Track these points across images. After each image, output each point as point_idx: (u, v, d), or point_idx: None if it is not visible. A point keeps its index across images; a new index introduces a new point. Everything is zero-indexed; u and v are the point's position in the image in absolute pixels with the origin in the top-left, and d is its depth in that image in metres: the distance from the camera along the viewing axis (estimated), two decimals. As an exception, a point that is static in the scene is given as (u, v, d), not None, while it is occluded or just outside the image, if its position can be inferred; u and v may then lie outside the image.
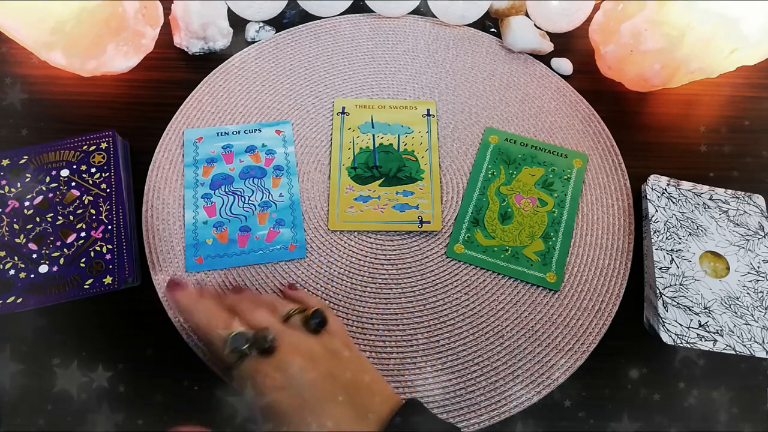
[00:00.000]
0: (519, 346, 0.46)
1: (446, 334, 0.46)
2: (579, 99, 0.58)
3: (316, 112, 0.57)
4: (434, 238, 0.51)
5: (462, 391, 0.44)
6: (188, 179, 0.52)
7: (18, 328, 0.45)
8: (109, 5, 0.51)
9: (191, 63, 0.59)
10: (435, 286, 0.48)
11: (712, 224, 0.49)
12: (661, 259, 0.47)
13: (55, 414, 0.42)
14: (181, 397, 0.43)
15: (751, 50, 0.52)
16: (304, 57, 0.60)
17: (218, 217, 0.50)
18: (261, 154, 0.54)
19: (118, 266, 0.45)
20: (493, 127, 0.56)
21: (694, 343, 0.43)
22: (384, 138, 0.55)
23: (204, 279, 0.48)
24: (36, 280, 0.44)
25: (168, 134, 0.54)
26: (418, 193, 0.52)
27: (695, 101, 0.59)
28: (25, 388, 0.43)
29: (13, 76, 0.57)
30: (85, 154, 0.50)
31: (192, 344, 0.45)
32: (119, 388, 0.43)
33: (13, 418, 0.42)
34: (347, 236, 0.51)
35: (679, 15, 0.51)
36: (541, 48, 0.60)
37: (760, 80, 0.60)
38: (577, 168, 0.54)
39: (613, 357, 0.46)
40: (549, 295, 0.48)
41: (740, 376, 0.45)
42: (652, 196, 0.50)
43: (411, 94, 0.58)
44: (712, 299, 0.45)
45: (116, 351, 0.45)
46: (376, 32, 0.62)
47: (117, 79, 0.57)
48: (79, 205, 0.47)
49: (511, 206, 0.52)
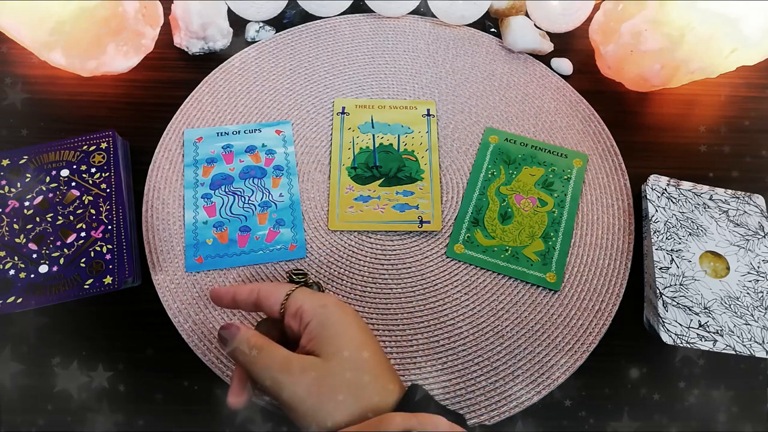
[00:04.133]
0: (519, 346, 0.46)
1: (446, 334, 0.46)
2: (579, 99, 0.58)
3: (316, 112, 0.57)
4: (434, 238, 0.51)
5: (462, 391, 0.44)
6: (188, 179, 0.52)
7: (18, 328, 0.45)
8: (108, 5, 0.51)
9: (191, 63, 0.59)
10: (435, 286, 0.48)
11: (712, 224, 0.49)
12: (661, 259, 0.47)
13: (55, 414, 0.42)
14: (181, 397, 0.43)
15: (751, 50, 0.52)
16: (304, 57, 0.60)
17: (218, 217, 0.50)
18: (261, 154, 0.54)
19: (118, 266, 0.45)
20: (493, 127, 0.56)
21: (694, 343, 0.43)
22: (384, 138, 0.55)
23: (204, 279, 0.48)
24: (36, 280, 0.44)
25: (168, 134, 0.54)
26: (418, 193, 0.52)
27: (695, 101, 0.59)
28: (25, 388, 0.43)
29: (13, 76, 0.57)
30: (85, 154, 0.50)
31: (192, 344, 0.45)
32: (119, 388, 0.43)
33: (13, 417, 0.42)
34: (347, 236, 0.51)
35: (679, 15, 0.51)
36: (541, 48, 0.60)
37: (760, 80, 0.60)
38: (577, 168, 0.54)
39: (613, 357, 0.46)
40: (549, 295, 0.48)
41: (740, 376, 0.45)
42: (652, 196, 0.50)
43: (411, 94, 0.58)
44: (712, 299, 0.45)
45: (116, 351, 0.45)
46: (376, 32, 0.62)
47: (117, 79, 0.57)
48: (79, 205, 0.47)
49: (511, 206, 0.52)
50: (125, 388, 0.43)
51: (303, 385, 0.31)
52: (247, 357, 0.33)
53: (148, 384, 0.44)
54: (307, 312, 0.35)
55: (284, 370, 0.32)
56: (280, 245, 0.49)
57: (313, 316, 0.34)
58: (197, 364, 0.44)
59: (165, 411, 0.43)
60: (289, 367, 0.32)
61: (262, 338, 0.34)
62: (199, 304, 0.47)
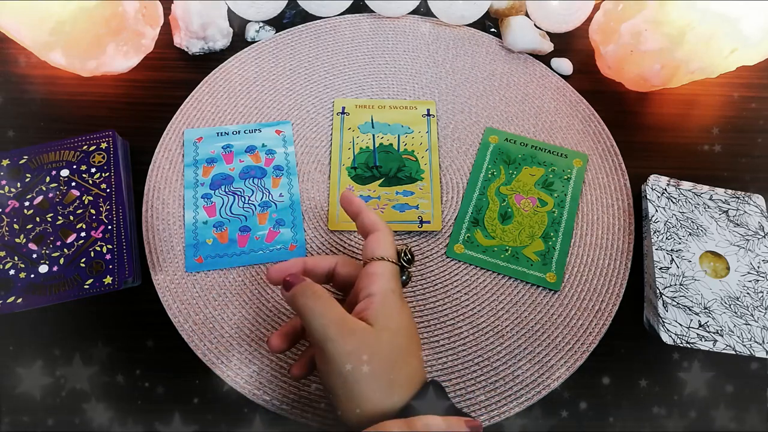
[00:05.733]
0: (519, 346, 0.46)
1: (446, 334, 0.46)
2: (579, 99, 0.58)
3: (316, 112, 0.57)
4: (434, 238, 0.51)
5: (462, 391, 0.44)
6: (188, 179, 0.52)
7: (18, 328, 0.45)
8: (108, 5, 0.51)
9: (191, 63, 0.59)
10: (435, 286, 0.48)
11: (712, 224, 0.49)
12: (661, 259, 0.47)
13: (54, 414, 0.42)
14: (180, 396, 0.43)
15: (751, 50, 0.52)
16: (304, 57, 0.60)
17: (218, 217, 0.50)
18: (261, 154, 0.54)
19: (118, 266, 0.45)
20: (493, 127, 0.56)
21: (694, 343, 0.43)
22: (384, 138, 0.55)
23: (204, 279, 0.48)
24: (36, 280, 0.44)
25: (168, 134, 0.55)
26: (418, 193, 0.52)
27: (695, 101, 0.59)
28: (24, 388, 0.43)
29: (13, 76, 0.57)
30: (85, 154, 0.50)
31: (192, 344, 0.45)
32: (119, 388, 0.43)
33: (14, 417, 0.42)
34: (347, 236, 0.51)
35: (679, 15, 0.51)
36: (541, 48, 0.60)
37: (760, 80, 0.60)
38: (577, 168, 0.54)
39: (613, 357, 0.46)
40: (549, 295, 0.48)
41: (740, 376, 0.45)
42: (652, 196, 0.50)
43: (411, 94, 0.58)
44: (712, 299, 0.45)
45: (116, 351, 0.45)
46: (376, 32, 0.62)
47: (117, 79, 0.57)
48: (79, 205, 0.47)
49: (511, 206, 0.52)
50: (125, 388, 0.43)
51: (349, 345, 0.33)
52: (307, 301, 0.34)
53: (148, 384, 0.44)
54: (378, 284, 0.36)
55: (337, 324, 0.33)
56: (280, 245, 0.49)
57: (379, 291, 0.36)
58: (197, 364, 0.44)
59: (165, 411, 0.43)
60: (343, 324, 0.34)
61: (325, 291, 0.36)
62: (199, 304, 0.47)
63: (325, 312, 0.34)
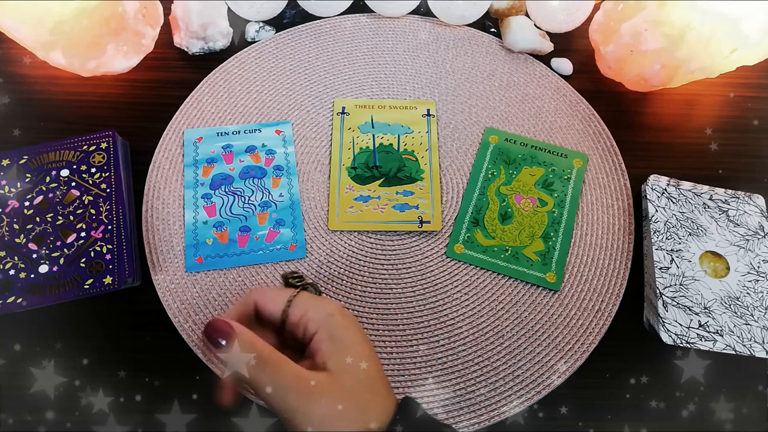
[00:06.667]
0: (519, 347, 0.46)
1: (446, 334, 0.46)
2: (579, 99, 0.58)
3: (316, 112, 0.57)
4: (434, 238, 0.51)
5: (462, 391, 0.44)
6: (188, 179, 0.52)
7: (18, 328, 0.45)
8: (109, 5, 0.51)
9: (191, 63, 0.59)
10: (435, 286, 0.48)
11: (712, 224, 0.49)
12: (661, 259, 0.47)
13: (54, 414, 0.42)
14: (180, 396, 0.43)
15: (751, 50, 0.52)
16: (304, 57, 0.60)
17: (218, 217, 0.50)
18: (261, 154, 0.54)
19: (118, 266, 0.45)
20: (493, 127, 0.56)
21: (694, 343, 0.43)
22: (384, 138, 0.55)
23: (204, 279, 0.48)
24: (36, 280, 0.44)
25: (168, 134, 0.55)
26: (418, 193, 0.52)
27: (695, 101, 0.59)
28: (24, 388, 0.43)
29: (13, 76, 0.57)
30: (85, 154, 0.50)
31: (192, 344, 0.45)
32: (119, 388, 0.43)
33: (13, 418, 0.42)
34: (347, 236, 0.51)
35: (679, 15, 0.51)
36: (541, 48, 0.60)
37: (760, 80, 0.60)
38: (577, 168, 0.54)
39: (613, 357, 0.46)
40: (549, 295, 0.48)
41: (740, 376, 0.45)
42: (652, 196, 0.50)
43: (411, 94, 0.58)
44: (712, 299, 0.45)
45: (116, 351, 0.45)
46: (376, 32, 0.62)
47: (117, 79, 0.57)
48: (79, 205, 0.47)
49: (511, 206, 0.52)
50: (125, 388, 0.43)
51: (317, 410, 0.30)
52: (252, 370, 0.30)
53: (148, 383, 0.44)
54: (313, 321, 0.34)
55: (298, 391, 0.30)
56: (280, 245, 0.49)
57: (319, 326, 0.33)
58: (197, 364, 0.44)
59: (165, 411, 0.43)
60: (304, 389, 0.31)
61: (266, 346, 0.32)
62: (199, 304, 0.47)
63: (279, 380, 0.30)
